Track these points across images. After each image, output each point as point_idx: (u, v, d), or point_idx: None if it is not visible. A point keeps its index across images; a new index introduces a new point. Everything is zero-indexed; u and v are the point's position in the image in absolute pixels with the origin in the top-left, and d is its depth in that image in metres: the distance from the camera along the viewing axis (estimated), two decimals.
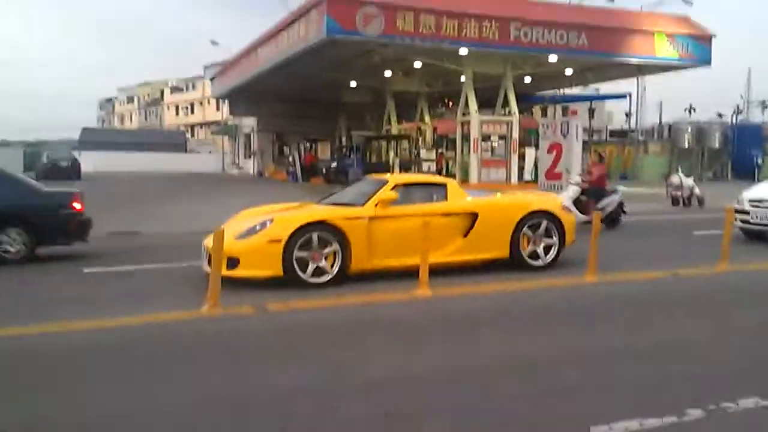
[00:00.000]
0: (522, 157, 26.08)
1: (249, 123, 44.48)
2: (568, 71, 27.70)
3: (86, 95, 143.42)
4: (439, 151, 27.47)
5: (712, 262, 8.56)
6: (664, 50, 24.44)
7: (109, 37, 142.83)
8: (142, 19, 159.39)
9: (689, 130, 37.63)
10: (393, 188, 7.92)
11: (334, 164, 30.94)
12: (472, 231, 8.07)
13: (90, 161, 42.49)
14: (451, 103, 33.80)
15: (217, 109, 68.97)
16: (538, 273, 8.06)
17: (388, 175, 9.37)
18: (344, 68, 28.36)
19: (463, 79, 25.49)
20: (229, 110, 43.92)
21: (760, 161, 34.87)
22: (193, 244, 10.12)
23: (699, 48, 24.98)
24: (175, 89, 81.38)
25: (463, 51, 22.73)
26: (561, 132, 17.92)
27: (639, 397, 4.05)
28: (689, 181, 19.69)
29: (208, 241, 7.69)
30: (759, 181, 32.32)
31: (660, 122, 46.85)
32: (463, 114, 25.27)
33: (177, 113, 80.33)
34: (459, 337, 5.48)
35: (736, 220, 11.30)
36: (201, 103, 75.17)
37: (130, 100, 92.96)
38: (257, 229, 7.28)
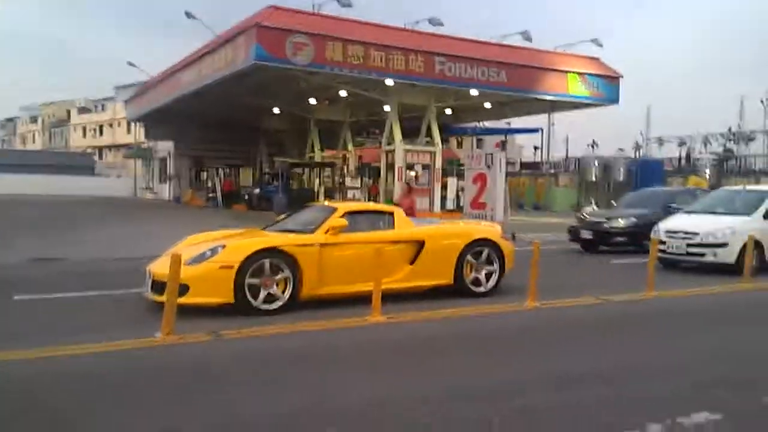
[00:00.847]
0: (444, 187, 26.77)
1: (165, 147, 43.36)
2: (487, 105, 28.87)
3: None
4: (371, 180, 27.78)
5: (638, 288, 9.12)
6: (576, 89, 25.92)
7: (11, 55, 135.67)
8: (48, 38, 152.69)
9: (596, 163, 39.86)
10: (342, 215, 8.02)
11: (257, 190, 30.63)
12: (418, 258, 8.27)
13: None
14: (376, 131, 34.38)
15: (128, 131, 66.89)
16: (481, 299, 8.34)
17: (335, 203, 9.46)
18: (268, 94, 28.34)
19: (387, 108, 26.04)
20: (145, 133, 42.70)
21: None
22: (124, 270, 9.86)
23: (608, 87, 26.65)
24: (82, 110, 78.24)
25: (389, 82, 23.26)
26: (485, 163, 18.54)
27: (605, 416, 4.30)
28: None
29: (154, 267, 7.52)
30: None
31: (567, 156, 49.38)
32: (388, 143, 25.73)
33: (84, 135, 77.17)
34: (419, 363, 5.61)
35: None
36: (111, 125, 72.62)
37: (34, 120, 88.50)
38: (207, 255, 7.18)
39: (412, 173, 24.03)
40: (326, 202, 9.71)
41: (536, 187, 39.91)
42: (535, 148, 55.57)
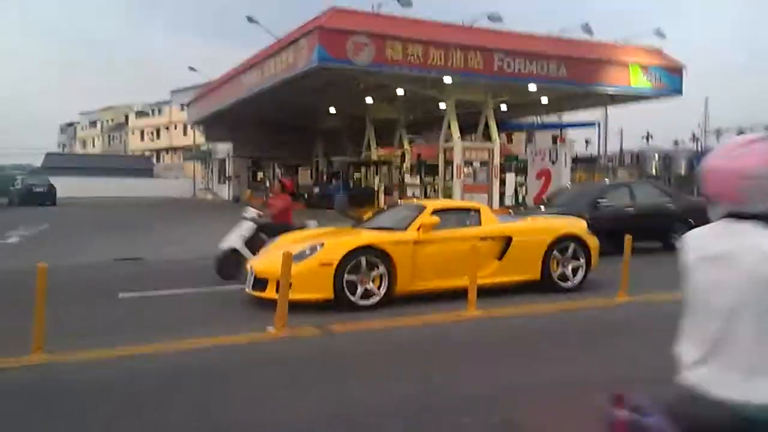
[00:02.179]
0: (503, 183, 26.70)
1: (223, 148, 44.37)
2: (544, 100, 28.61)
3: (46, 120, 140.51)
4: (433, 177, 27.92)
5: None
6: (639, 81, 25.47)
7: (71, 62, 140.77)
8: (104, 42, 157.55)
9: (656, 156, 39.05)
10: (432, 213, 8.20)
11: (317, 189, 31.08)
12: (506, 254, 8.38)
13: (57, 186, 41.73)
14: (433, 128, 34.43)
15: (185, 134, 68.54)
16: (569, 294, 8.40)
17: (423, 201, 9.64)
18: (325, 95, 28.73)
19: (442, 106, 26.10)
20: (205, 136, 43.76)
21: None
22: (206, 268, 10.18)
23: (671, 79, 26.10)
24: (140, 114, 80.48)
25: (448, 80, 23.32)
26: (550, 158, 18.51)
27: None
28: None
29: (256, 264, 7.84)
30: None
31: (621, 149, 48.38)
32: (446, 140, 25.80)
33: (142, 138, 79.38)
34: (527, 353, 5.74)
35: None
36: (167, 128, 74.49)
37: (93, 124, 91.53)
38: (307, 253, 7.44)
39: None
40: (415, 200, 9.86)
41: (593, 181, 39.29)
42: (587, 141, 54.66)
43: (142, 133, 79.47)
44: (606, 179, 24.75)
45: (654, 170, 38.08)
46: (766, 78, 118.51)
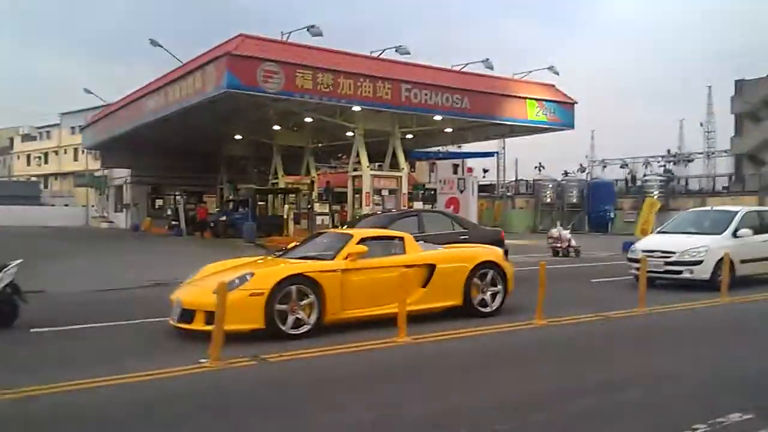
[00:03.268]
0: None
1: (120, 174, 42.62)
2: (448, 130, 29.64)
3: None
4: (342, 205, 28.01)
5: (626, 305, 9.73)
6: (534, 114, 26.96)
7: None
8: None
9: (550, 186, 41.21)
10: (359, 242, 8.35)
11: (223, 218, 30.46)
12: (431, 281, 8.66)
13: None
14: (340, 156, 34.69)
15: (75, 159, 65.37)
16: (490, 319, 8.76)
17: (349, 230, 9.76)
18: (231, 121, 28.43)
19: (350, 134, 26.50)
20: (102, 161, 41.90)
21: (612, 215, 38.77)
22: (119, 300, 9.83)
23: (564, 113, 27.81)
24: (26, 137, 76.05)
25: (357, 108, 23.74)
26: (458, 188, 19.20)
27: (653, 418, 4.76)
28: (566, 234, 21.74)
29: (182, 296, 7.68)
30: (611, 232, 35.87)
31: (516, 178, 50.73)
32: (354, 168, 26.13)
33: (28, 163, 74.97)
34: (464, 377, 5.98)
35: (630, 268, 12.83)
36: (56, 152, 70.80)
37: None
38: (236, 283, 7.38)
39: None
40: (339, 229, 9.98)
41: (494, 209, 40.92)
42: (484, 171, 57.08)
43: (29, 157, 75.08)
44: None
45: (548, 199, 40.10)
46: (649, 107, 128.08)
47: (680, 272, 12.07)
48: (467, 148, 43.39)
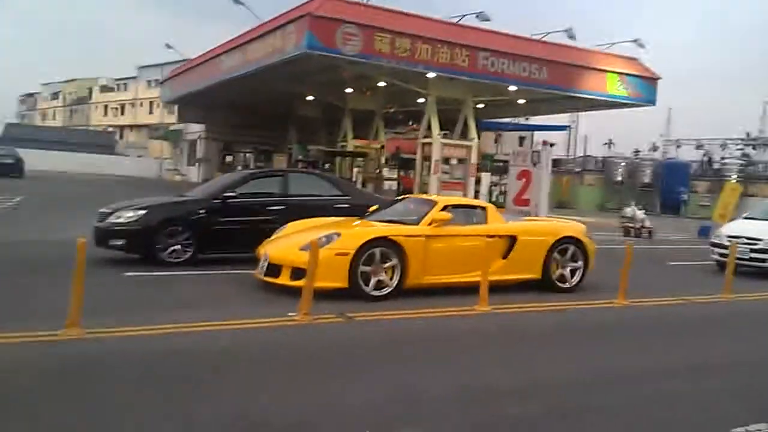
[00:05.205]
0: (478, 181, 27.03)
1: (194, 129, 43.68)
2: (521, 101, 29.06)
3: (3, 89, 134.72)
4: (409, 172, 27.97)
5: (707, 290, 9.47)
6: (615, 88, 26.11)
7: (32, 35, 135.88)
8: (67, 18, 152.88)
9: (622, 164, 40.03)
10: (443, 209, 8.37)
11: None
12: (511, 252, 8.61)
13: None
14: (410, 123, 34.50)
15: (150, 111, 67.29)
16: (569, 295, 8.67)
17: (433, 196, 9.78)
18: (305, 82, 28.62)
19: (422, 100, 26.28)
20: (178, 115, 43.02)
21: (685, 197, 37.49)
22: None
23: (646, 88, 26.85)
24: (104, 88, 78.62)
25: (431, 75, 23.51)
26: (532, 160, 18.87)
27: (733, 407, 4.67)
28: (641, 214, 21.16)
29: (270, 250, 7.90)
30: (684, 215, 34.67)
31: (585, 154, 49.48)
32: (425, 136, 25.99)
33: (105, 113, 77.61)
34: (538, 349, 5.98)
35: (713, 253, 12.44)
36: (132, 105, 73.01)
37: (55, 96, 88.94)
38: (324, 241, 7.51)
39: None
40: (424, 195, 10.01)
41: (561, 184, 40.08)
42: (551, 145, 55.73)
43: (106, 108, 77.70)
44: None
45: (619, 177, 39.03)
46: (728, 86, 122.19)
47: (766, 260, 11.64)
48: (535, 120, 42.56)
